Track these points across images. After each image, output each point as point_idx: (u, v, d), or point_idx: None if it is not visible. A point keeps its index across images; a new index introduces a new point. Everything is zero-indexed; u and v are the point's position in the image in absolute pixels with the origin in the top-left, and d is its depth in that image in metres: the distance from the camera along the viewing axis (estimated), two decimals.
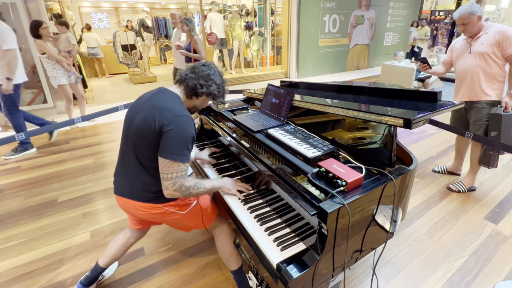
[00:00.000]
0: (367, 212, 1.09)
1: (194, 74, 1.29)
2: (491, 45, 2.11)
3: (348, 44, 8.60)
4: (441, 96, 1.27)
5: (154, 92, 1.30)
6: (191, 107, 1.36)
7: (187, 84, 1.29)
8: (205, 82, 1.28)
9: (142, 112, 1.21)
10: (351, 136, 1.44)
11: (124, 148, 1.30)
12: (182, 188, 1.18)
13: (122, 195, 1.32)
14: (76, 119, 2.78)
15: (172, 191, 1.17)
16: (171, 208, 1.31)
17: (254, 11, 8.59)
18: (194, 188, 1.21)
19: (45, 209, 2.38)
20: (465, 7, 2.12)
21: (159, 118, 1.15)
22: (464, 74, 2.29)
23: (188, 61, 3.78)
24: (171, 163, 1.14)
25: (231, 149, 1.66)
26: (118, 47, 7.54)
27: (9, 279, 1.73)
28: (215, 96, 1.33)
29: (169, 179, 1.15)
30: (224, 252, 1.47)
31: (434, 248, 1.93)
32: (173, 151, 1.13)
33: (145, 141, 1.19)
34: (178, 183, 1.16)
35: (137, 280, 1.70)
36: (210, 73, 1.31)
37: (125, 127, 1.30)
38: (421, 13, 10.81)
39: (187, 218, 1.38)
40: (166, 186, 1.17)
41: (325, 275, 1.06)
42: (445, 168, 2.87)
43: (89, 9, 10.63)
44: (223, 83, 1.37)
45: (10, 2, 4.06)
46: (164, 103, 1.20)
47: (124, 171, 1.31)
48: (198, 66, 1.33)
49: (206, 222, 1.43)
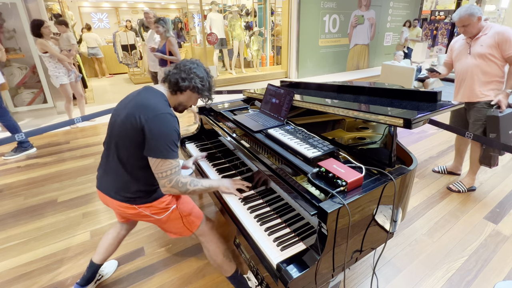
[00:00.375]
0: (367, 212, 1.09)
1: (177, 70, 1.28)
2: (490, 47, 2.10)
3: (348, 44, 8.60)
4: (441, 96, 1.27)
5: (140, 90, 1.30)
6: (177, 104, 1.34)
7: (169, 80, 1.28)
8: (186, 75, 1.26)
9: (126, 111, 1.21)
10: (351, 136, 1.44)
11: (108, 146, 1.30)
12: (178, 184, 1.19)
13: (102, 191, 1.33)
14: (76, 119, 2.78)
15: (169, 188, 1.18)
16: (145, 211, 1.30)
17: (254, 11, 8.59)
18: (191, 184, 1.22)
19: (45, 209, 2.38)
20: (464, 8, 2.11)
21: (141, 116, 1.15)
22: (464, 75, 2.29)
23: (163, 65, 3.57)
24: (162, 161, 1.14)
25: (231, 149, 1.66)
26: (118, 47, 7.55)
27: (9, 279, 1.73)
28: (199, 89, 1.30)
29: (165, 177, 1.16)
30: (215, 261, 1.45)
31: (434, 248, 1.93)
32: (161, 150, 1.13)
33: (127, 139, 1.19)
34: (174, 179, 1.17)
35: (137, 280, 1.70)
36: (192, 67, 1.29)
37: (110, 125, 1.30)
38: (421, 13, 10.82)
39: (166, 223, 1.36)
40: (163, 184, 1.18)
41: (325, 275, 1.06)
42: (445, 168, 2.87)
43: (89, 9, 10.63)
44: (207, 76, 1.34)
45: (10, 2, 4.06)
46: (147, 101, 1.20)
47: (106, 168, 1.31)
48: (182, 62, 1.32)
49: (192, 226, 1.40)
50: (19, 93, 4.51)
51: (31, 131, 2.34)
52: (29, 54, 4.36)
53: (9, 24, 4.15)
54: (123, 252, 1.89)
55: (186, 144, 2.06)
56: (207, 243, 1.44)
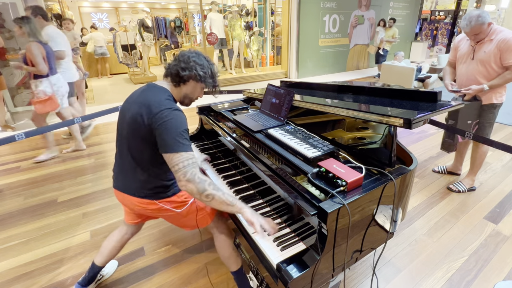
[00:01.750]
0: (367, 212, 1.09)
1: (176, 61, 1.27)
2: (493, 55, 2.06)
3: (348, 44, 8.60)
4: (441, 96, 1.27)
5: (143, 88, 1.29)
6: (182, 97, 1.32)
7: (170, 73, 1.26)
8: (185, 64, 1.24)
9: (132, 110, 1.21)
10: (351, 136, 1.44)
11: (120, 146, 1.31)
12: (195, 179, 1.09)
13: (120, 190, 1.34)
14: (76, 119, 2.78)
15: (185, 181, 1.10)
16: (166, 205, 1.32)
17: (254, 11, 8.59)
18: (210, 185, 1.12)
19: (45, 209, 2.38)
20: (475, 18, 2.01)
21: (146, 114, 1.15)
22: (465, 79, 2.27)
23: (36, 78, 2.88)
24: (173, 155, 1.12)
25: (231, 149, 1.66)
26: (118, 47, 7.55)
27: (9, 279, 1.73)
28: (201, 77, 1.27)
29: (178, 171, 1.11)
30: (223, 253, 1.46)
31: (434, 248, 1.93)
32: (169, 144, 1.12)
33: (137, 138, 1.19)
34: (189, 172, 1.09)
35: (137, 280, 1.70)
36: (190, 56, 1.26)
37: (118, 125, 1.30)
38: (421, 13, 10.83)
39: (184, 216, 1.38)
40: (178, 177, 1.12)
41: (325, 275, 1.06)
42: (445, 168, 2.87)
43: (89, 9, 10.63)
44: (208, 64, 1.30)
45: (10, 2, 4.06)
46: (152, 98, 1.19)
47: (121, 168, 1.32)
48: (181, 53, 1.29)
49: (203, 221, 1.43)
50: (19, 93, 4.50)
51: (31, 131, 2.34)
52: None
53: (9, 24, 4.15)
54: (123, 252, 1.89)
55: None
56: (218, 235, 1.45)
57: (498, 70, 2.11)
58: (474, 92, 2.15)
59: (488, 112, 2.26)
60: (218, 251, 1.48)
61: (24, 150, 3.53)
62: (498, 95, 2.21)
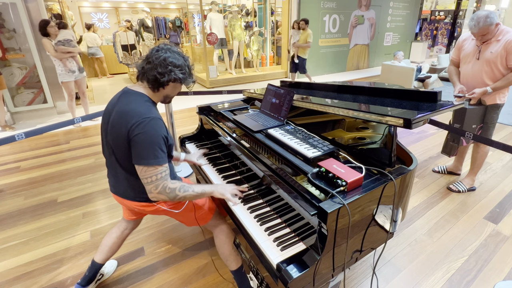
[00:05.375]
0: (367, 212, 1.09)
1: (150, 64, 1.17)
2: (500, 55, 2.05)
3: (348, 44, 8.60)
4: (441, 96, 1.27)
5: (119, 95, 1.25)
6: (163, 98, 1.28)
7: (147, 78, 1.19)
8: (163, 69, 1.16)
9: (111, 120, 1.19)
10: (351, 136, 1.44)
11: (107, 155, 1.30)
12: (166, 190, 1.14)
13: (118, 195, 1.35)
14: (76, 119, 2.77)
15: (156, 194, 1.14)
16: (164, 206, 1.33)
17: (254, 11, 8.59)
18: (180, 190, 1.17)
19: (45, 209, 2.38)
20: (483, 18, 1.99)
21: (124, 125, 1.12)
22: (470, 80, 2.26)
23: None
24: (147, 168, 1.11)
25: (231, 149, 1.66)
26: (118, 47, 7.55)
27: (9, 279, 1.73)
28: (181, 79, 1.21)
29: (150, 183, 1.13)
30: (223, 252, 1.47)
31: (434, 248, 1.93)
32: (144, 156, 1.10)
33: (121, 148, 1.17)
34: (160, 185, 1.13)
35: (137, 280, 1.70)
36: (166, 56, 1.16)
37: (102, 135, 1.29)
38: (421, 13, 10.83)
39: (182, 216, 1.40)
40: (149, 190, 1.14)
41: (325, 275, 1.06)
42: (445, 168, 2.87)
43: (89, 9, 10.63)
44: (184, 62, 1.22)
45: (10, 2, 4.06)
46: (127, 107, 1.15)
47: (115, 177, 1.32)
48: (151, 52, 1.20)
49: (202, 220, 1.44)
50: (19, 93, 4.50)
51: (31, 131, 2.34)
52: (29, 54, 4.35)
53: (9, 24, 4.15)
54: (123, 252, 1.89)
55: (186, 144, 2.06)
56: (218, 233, 1.47)
57: (503, 71, 2.10)
58: (478, 96, 2.15)
59: (492, 112, 2.26)
60: (218, 250, 1.48)
61: (24, 150, 3.53)
62: (501, 96, 2.21)
